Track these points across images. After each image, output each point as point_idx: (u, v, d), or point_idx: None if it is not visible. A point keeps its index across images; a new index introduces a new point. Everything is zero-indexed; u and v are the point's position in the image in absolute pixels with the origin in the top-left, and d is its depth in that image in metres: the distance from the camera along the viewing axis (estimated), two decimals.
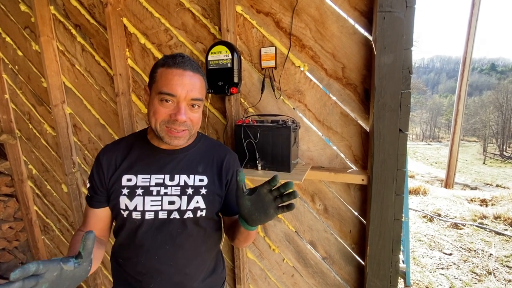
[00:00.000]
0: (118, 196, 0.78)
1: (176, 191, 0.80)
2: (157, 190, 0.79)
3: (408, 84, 0.92)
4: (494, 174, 14.74)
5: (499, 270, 2.77)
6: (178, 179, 0.81)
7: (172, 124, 0.73)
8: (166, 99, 0.71)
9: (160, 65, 0.74)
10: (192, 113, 0.76)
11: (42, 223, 2.15)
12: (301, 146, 1.23)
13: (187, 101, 0.73)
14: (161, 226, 0.79)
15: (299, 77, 1.17)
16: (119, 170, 0.80)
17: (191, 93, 0.73)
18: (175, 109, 0.72)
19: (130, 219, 0.78)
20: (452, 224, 3.78)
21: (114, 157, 0.82)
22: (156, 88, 0.73)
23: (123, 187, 0.78)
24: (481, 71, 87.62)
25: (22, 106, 1.92)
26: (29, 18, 1.70)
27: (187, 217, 0.80)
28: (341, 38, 1.08)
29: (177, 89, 0.71)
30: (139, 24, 1.43)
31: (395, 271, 1.06)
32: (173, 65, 0.72)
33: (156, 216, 0.78)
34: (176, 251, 0.80)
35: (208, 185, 0.83)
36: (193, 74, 0.73)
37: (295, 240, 1.32)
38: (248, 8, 1.19)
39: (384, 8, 0.90)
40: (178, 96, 0.71)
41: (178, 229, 0.80)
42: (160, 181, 0.80)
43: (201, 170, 0.84)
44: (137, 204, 0.77)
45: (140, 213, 0.77)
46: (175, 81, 0.71)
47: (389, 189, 1.00)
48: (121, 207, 0.78)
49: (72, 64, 1.66)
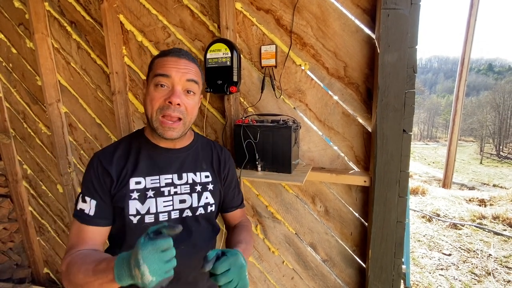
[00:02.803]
0: (126, 202, 0.72)
1: (185, 189, 0.80)
2: (168, 190, 0.78)
3: (413, 83, 0.90)
4: (491, 174, 14.81)
5: (498, 270, 2.77)
6: (186, 177, 0.81)
7: (166, 110, 0.70)
8: (161, 83, 0.71)
9: (156, 57, 0.76)
10: (187, 99, 0.74)
11: (37, 224, 2.11)
12: (302, 146, 1.20)
13: (182, 83, 0.72)
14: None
15: (300, 76, 1.15)
16: (123, 173, 0.74)
17: (186, 75, 0.72)
18: (170, 92, 0.71)
19: (141, 224, 0.73)
20: (451, 224, 3.77)
21: (114, 161, 0.75)
22: (152, 74, 0.73)
23: (131, 191, 0.73)
24: (479, 71, 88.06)
25: (17, 105, 1.88)
26: (23, 14, 1.66)
27: (200, 214, 0.81)
28: (343, 36, 1.06)
29: (172, 70, 0.71)
30: (136, 21, 1.39)
31: (397, 274, 1.04)
32: (168, 53, 0.74)
33: (169, 217, 0.77)
34: (190, 250, 0.79)
35: (213, 181, 0.86)
36: (188, 61, 0.74)
37: (295, 242, 1.30)
38: (248, 5, 1.17)
39: (389, 5, 0.87)
40: (172, 78, 0.71)
41: (192, 227, 0.80)
42: (169, 180, 0.79)
43: (205, 166, 0.86)
44: (150, 207, 0.74)
45: (154, 215, 0.75)
46: (170, 65, 0.71)
47: (392, 191, 0.98)
48: (130, 212, 0.72)
49: (67, 62, 1.63)
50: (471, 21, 6.00)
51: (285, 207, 1.29)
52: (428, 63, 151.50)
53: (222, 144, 1.33)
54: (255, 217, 1.36)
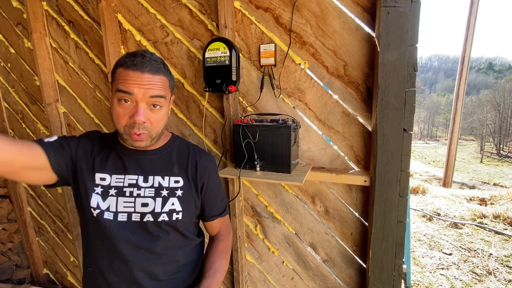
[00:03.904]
0: (90, 193, 0.74)
1: (150, 192, 0.77)
2: (130, 191, 0.76)
3: (413, 82, 0.89)
4: (491, 172, 14.81)
5: (499, 270, 2.76)
6: (152, 180, 0.78)
7: (132, 129, 0.69)
8: (124, 98, 0.68)
9: (119, 64, 0.70)
10: (153, 114, 0.71)
11: (36, 225, 2.10)
12: (301, 146, 1.20)
13: (146, 99, 0.68)
14: (134, 230, 0.75)
15: (300, 75, 1.14)
16: (91, 165, 0.76)
17: (150, 92, 0.68)
18: (134, 109, 0.68)
19: (100, 219, 0.73)
20: (451, 223, 3.76)
21: (92, 148, 0.78)
22: (114, 86, 0.70)
23: (96, 185, 0.75)
24: (479, 70, 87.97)
25: (15, 105, 1.87)
26: (21, 14, 1.65)
27: (162, 220, 0.76)
28: (343, 35, 1.05)
29: (133, 87, 0.67)
30: (134, 20, 1.38)
31: (398, 274, 1.03)
32: (131, 66, 0.68)
33: (129, 218, 0.75)
34: (151, 257, 0.76)
35: (183, 187, 0.80)
36: (152, 76, 0.69)
37: (295, 242, 1.29)
38: (246, 3, 1.16)
39: (389, 3, 0.86)
40: (135, 95, 0.67)
41: (153, 232, 0.76)
42: (134, 181, 0.77)
43: (176, 171, 0.81)
44: (110, 205, 0.74)
45: (113, 214, 0.74)
46: (132, 82, 0.67)
47: (392, 191, 0.97)
48: (91, 205, 0.73)
49: (65, 61, 1.62)
50: (471, 19, 5.98)
51: (285, 207, 1.28)
52: (429, 62, 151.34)
53: (221, 144, 1.32)
54: (255, 217, 1.35)
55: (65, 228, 1.96)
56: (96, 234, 0.76)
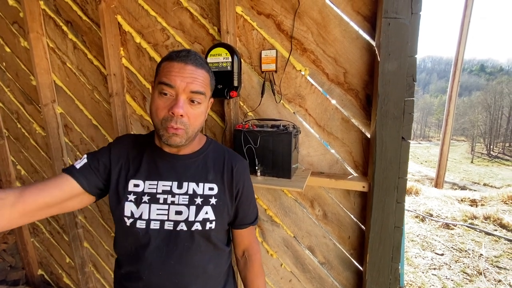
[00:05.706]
0: (124, 202, 0.73)
1: (184, 200, 0.75)
2: (164, 198, 0.74)
3: (412, 92, 0.91)
4: (481, 173, 15.12)
5: (489, 270, 2.83)
6: (187, 187, 0.76)
7: (169, 122, 0.68)
8: (164, 91, 0.68)
9: (164, 59, 0.72)
10: (191, 109, 0.71)
11: (31, 225, 2.08)
12: (301, 151, 1.21)
13: (187, 93, 0.69)
14: (166, 239, 0.73)
15: (300, 81, 1.15)
16: (124, 172, 0.76)
17: (191, 85, 0.69)
18: (173, 101, 0.69)
19: (133, 228, 0.73)
20: (443, 224, 3.84)
21: (124, 154, 0.78)
22: (157, 80, 0.71)
23: (129, 192, 0.74)
24: (471, 72, 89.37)
25: (10, 104, 1.85)
26: (17, 13, 1.62)
27: (195, 230, 0.74)
28: (344, 43, 1.06)
29: (176, 80, 0.67)
30: (134, 22, 1.38)
31: (394, 278, 1.06)
32: (176, 58, 0.69)
33: (161, 226, 0.73)
34: (182, 268, 0.74)
35: (218, 195, 0.78)
36: (195, 68, 0.70)
37: (293, 245, 1.31)
38: (248, 9, 1.16)
39: (389, 14, 0.88)
40: (176, 87, 0.68)
41: (185, 242, 0.74)
42: (168, 188, 0.75)
43: (211, 178, 0.79)
44: (143, 212, 0.73)
45: (145, 222, 0.72)
46: (175, 73, 0.68)
47: (390, 197, 0.99)
48: (125, 214, 0.72)
49: (63, 62, 1.60)
50: (465, 22, 6.07)
51: (284, 211, 1.29)
52: (422, 63, 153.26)
53: None
54: None
55: (61, 229, 1.94)
56: (128, 242, 0.75)
